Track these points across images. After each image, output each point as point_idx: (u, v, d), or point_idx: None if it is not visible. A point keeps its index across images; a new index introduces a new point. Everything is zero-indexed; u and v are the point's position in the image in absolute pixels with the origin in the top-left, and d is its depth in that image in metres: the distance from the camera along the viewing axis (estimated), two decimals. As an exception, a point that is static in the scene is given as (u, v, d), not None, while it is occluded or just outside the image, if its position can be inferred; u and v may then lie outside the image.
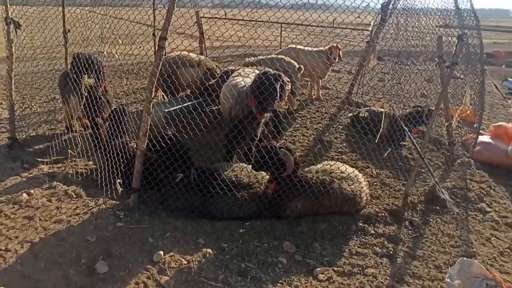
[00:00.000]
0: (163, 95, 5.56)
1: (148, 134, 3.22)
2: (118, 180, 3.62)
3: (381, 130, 3.98)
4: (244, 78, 4.10)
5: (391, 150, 4.28)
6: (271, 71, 3.52)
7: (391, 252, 3.03)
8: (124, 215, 3.13)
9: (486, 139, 4.94)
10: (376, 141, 3.98)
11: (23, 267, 2.58)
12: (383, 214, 3.44)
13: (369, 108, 5.38)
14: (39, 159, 4.26)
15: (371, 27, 6.05)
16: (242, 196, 3.30)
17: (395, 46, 4.61)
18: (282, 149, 3.17)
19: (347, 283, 2.65)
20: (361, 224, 3.30)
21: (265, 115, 3.86)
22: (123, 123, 3.98)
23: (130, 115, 4.17)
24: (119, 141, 3.87)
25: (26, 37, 4.45)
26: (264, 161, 3.14)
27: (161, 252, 2.73)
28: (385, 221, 3.39)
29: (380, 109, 5.19)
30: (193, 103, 5.30)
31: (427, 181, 4.06)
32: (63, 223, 3.00)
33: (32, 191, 3.46)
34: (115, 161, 3.56)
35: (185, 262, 2.69)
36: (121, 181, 3.60)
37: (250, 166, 3.36)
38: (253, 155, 3.35)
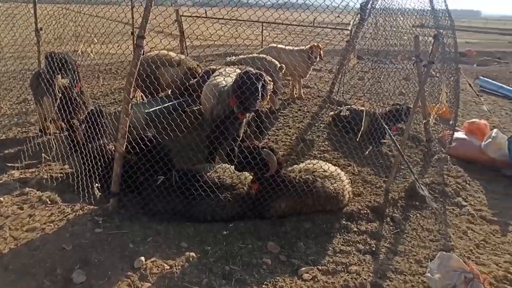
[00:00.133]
0: (142, 95, 5.42)
1: (127, 136, 3.12)
2: (96, 185, 3.48)
3: (362, 129, 4.03)
4: (225, 78, 4.05)
5: (372, 147, 4.35)
6: (252, 71, 3.48)
7: (373, 249, 3.07)
8: (103, 221, 3.02)
9: (461, 135, 5.12)
10: (358, 139, 4.03)
11: (-10, 279, 2.43)
12: (365, 211, 3.49)
13: (350, 107, 5.45)
14: (10, 164, 4.04)
15: (351, 26, 6.14)
16: (225, 197, 3.26)
17: (374, 45, 4.69)
18: (265, 149, 3.15)
19: (332, 282, 2.67)
20: (344, 222, 3.33)
21: (247, 115, 3.83)
22: (100, 125, 3.85)
23: (107, 117, 4.03)
24: (96, 143, 3.74)
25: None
26: (247, 161, 3.11)
27: (142, 258, 2.65)
28: (367, 218, 3.44)
29: (361, 108, 5.27)
30: (173, 103, 5.19)
31: (407, 177, 4.16)
32: (36, 232, 2.85)
33: (1, 199, 3.27)
34: (93, 164, 3.43)
35: (168, 267, 2.62)
36: (99, 185, 3.47)
37: (233, 167, 3.33)
38: (236, 155, 3.31)
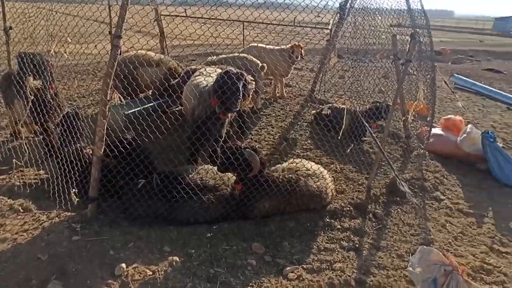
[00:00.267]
0: (120, 97, 5.27)
1: (105, 138, 3.02)
2: (73, 190, 3.34)
3: (343, 127, 4.08)
4: (206, 78, 3.99)
5: (353, 145, 4.41)
6: (233, 70, 3.45)
7: (357, 245, 3.11)
8: (81, 228, 2.91)
9: (438, 131, 5.28)
10: (339, 137, 4.07)
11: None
12: (348, 208, 3.53)
13: (331, 105, 5.51)
14: (-22, 171, 3.83)
15: (331, 25, 6.20)
16: (208, 199, 3.21)
17: (353, 44, 4.75)
18: (247, 149, 3.12)
19: (317, 280, 2.67)
20: (327, 220, 3.36)
21: (229, 115, 3.79)
22: (76, 127, 3.71)
23: (84, 119, 3.89)
24: (73, 147, 3.60)
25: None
26: (229, 162, 3.08)
27: (123, 265, 2.57)
28: (350, 215, 3.49)
29: (342, 106, 5.34)
30: (153, 104, 5.08)
31: (388, 173, 4.24)
32: (7, 242, 2.70)
33: (-32, 209, 3.09)
34: (69, 169, 3.30)
35: (150, 273, 2.55)
36: (77, 190, 3.34)
37: (216, 168, 3.28)
38: (218, 156, 3.27)
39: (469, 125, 5.01)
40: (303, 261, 2.88)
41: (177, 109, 5.23)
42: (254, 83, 4.14)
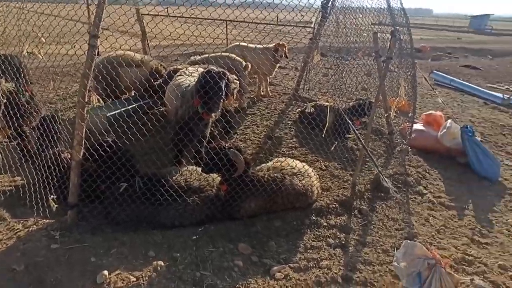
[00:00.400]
0: (98, 98, 5.11)
1: (84, 142, 2.91)
2: (52, 196, 3.22)
3: (327, 124, 4.10)
4: (188, 78, 3.93)
5: (337, 142, 4.44)
6: (215, 69, 3.40)
7: (343, 242, 3.13)
8: (60, 235, 2.80)
9: (420, 127, 5.39)
10: (323, 135, 4.09)
11: None
12: (334, 205, 3.55)
13: (315, 103, 5.53)
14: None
15: (313, 24, 6.23)
16: (193, 200, 3.16)
17: (336, 42, 4.78)
18: (232, 149, 3.09)
19: (304, 279, 2.67)
20: (314, 218, 3.36)
21: (212, 115, 3.74)
22: (54, 131, 3.58)
23: (62, 122, 3.76)
24: (50, 151, 3.47)
25: None
26: (213, 162, 3.03)
27: (105, 272, 2.48)
28: (336, 212, 3.50)
29: (326, 104, 5.37)
30: (134, 106, 4.96)
31: (372, 169, 4.29)
32: (-20, 254, 2.57)
33: None
34: (47, 174, 3.17)
35: (134, 279, 2.48)
36: (55, 196, 3.21)
37: (200, 169, 3.23)
38: (203, 157, 3.22)
39: (449, 120, 5.14)
40: (290, 260, 2.87)
41: (159, 110, 5.12)
42: (237, 82, 4.11)
